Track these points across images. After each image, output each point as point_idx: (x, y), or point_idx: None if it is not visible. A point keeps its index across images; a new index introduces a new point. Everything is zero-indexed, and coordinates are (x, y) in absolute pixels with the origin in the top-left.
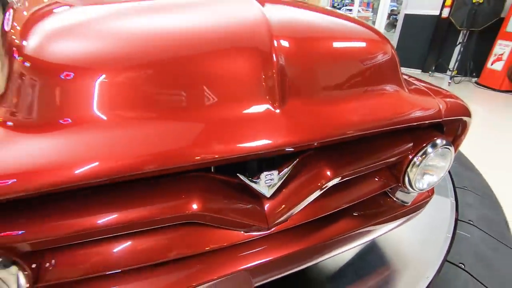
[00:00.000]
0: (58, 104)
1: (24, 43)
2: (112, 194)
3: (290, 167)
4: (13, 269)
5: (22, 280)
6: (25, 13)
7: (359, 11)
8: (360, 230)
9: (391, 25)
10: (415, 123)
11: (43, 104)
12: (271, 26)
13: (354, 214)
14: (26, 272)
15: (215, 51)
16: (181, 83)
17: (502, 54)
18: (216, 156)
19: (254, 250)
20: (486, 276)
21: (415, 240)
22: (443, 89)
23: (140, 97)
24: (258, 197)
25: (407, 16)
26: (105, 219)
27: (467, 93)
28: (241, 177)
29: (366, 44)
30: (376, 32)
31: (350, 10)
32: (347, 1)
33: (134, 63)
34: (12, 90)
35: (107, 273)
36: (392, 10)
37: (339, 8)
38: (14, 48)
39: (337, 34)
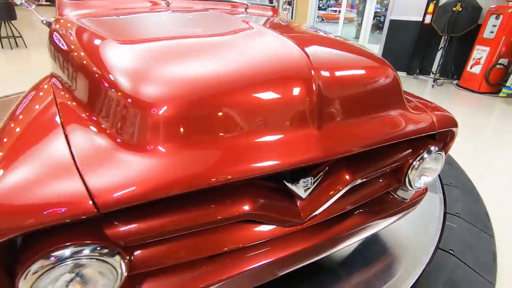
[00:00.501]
0: (151, 132)
1: (123, 81)
2: (192, 201)
3: (321, 174)
4: (117, 258)
5: (124, 268)
6: (114, 45)
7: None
8: (368, 224)
9: (375, 26)
10: (415, 136)
11: (141, 131)
12: (310, 61)
13: (364, 210)
14: (126, 261)
15: (269, 85)
16: (248, 112)
17: (480, 59)
18: (275, 169)
19: (288, 242)
20: (471, 260)
21: (411, 232)
22: (435, 104)
23: (218, 124)
24: (292, 198)
25: (392, 22)
26: (189, 219)
27: (449, 94)
28: (286, 183)
29: (379, 75)
30: (385, 62)
31: (335, 11)
32: (332, 2)
33: (213, 99)
34: (114, 114)
35: (180, 262)
36: (376, 13)
37: (325, 9)
38: (110, 82)
39: (357, 65)
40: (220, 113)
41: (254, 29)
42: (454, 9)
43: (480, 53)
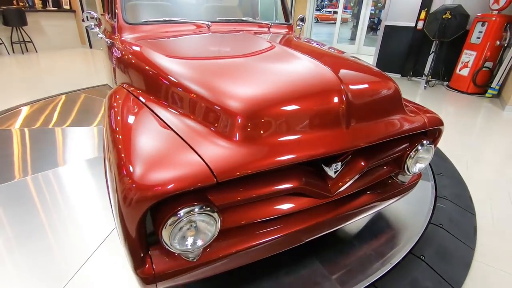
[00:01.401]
0: (237, 130)
1: (211, 95)
2: (261, 179)
3: (346, 160)
4: (216, 214)
5: (219, 220)
6: (187, 62)
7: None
8: (377, 202)
9: (369, 28)
10: (412, 133)
11: (230, 128)
12: (341, 78)
13: (374, 191)
14: (221, 218)
15: (313, 97)
16: (300, 117)
17: (468, 62)
18: (319, 155)
19: (318, 213)
20: (457, 232)
21: (410, 211)
22: (426, 108)
23: (280, 126)
24: (324, 178)
25: (387, 27)
26: (259, 191)
27: (440, 95)
28: (324, 166)
29: (386, 88)
30: (389, 78)
31: (330, 11)
32: (326, 3)
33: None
34: (206, 114)
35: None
36: (369, 15)
37: (319, 10)
38: (199, 94)
39: (370, 81)
40: (281, 119)
41: (289, 52)
42: (444, 16)
43: (468, 57)
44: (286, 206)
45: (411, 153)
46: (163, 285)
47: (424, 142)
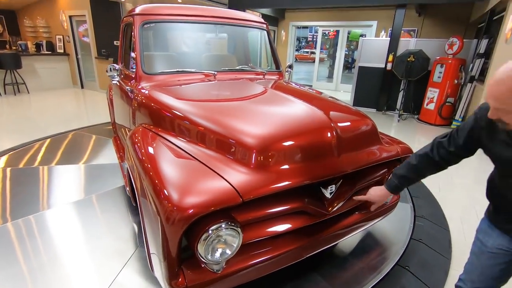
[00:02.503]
0: (253, 159)
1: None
2: (271, 201)
3: (339, 183)
4: (239, 229)
5: (241, 234)
6: (204, 105)
7: (314, 53)
8: (364, 220)
9: (344, 66)
10: (388, 160)
11: (247, 158)
12: (330, 117)
13: (361, 211)
14: (242, 231)
15: (311, 133)
16: (302, 148)
17: (432, 98)
18: (317, 178)
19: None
20: (434, 245)
21: (393, 229)
22: (399, 140)
23: (284, 156)
24: (321, 199)
25: (361, 68)
26: (270, 211)
27: (412, 127)
28: (321, 188)
29: (366, 125)
30: (368, 117)
31: (307, 52)
32: (303, 44)
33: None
34: (223, 147)
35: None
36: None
37: (298, 50)
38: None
39: (353, 119)
40: (288, 151)
41: (286, 97)
42: (408, 59)
43: (432, 93)
44: (290, 224)
45: (388, 176)
46: None
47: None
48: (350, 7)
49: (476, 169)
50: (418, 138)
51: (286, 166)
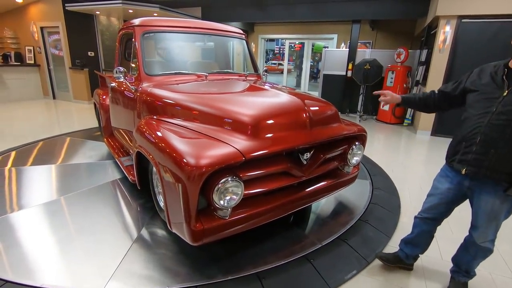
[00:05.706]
0: (248, 131)
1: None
2: (263, 164)
3: (312, 151)
4: (242, 183)
5: (243, 186)
6: (203, 95)
7: (282, 64)
8: (332, 185)
9: (310, 76)
10: (348, 135)
11: (243, 129)
12: (305, 103)
13: (329, 178)
14: (243, 186)
15: (292, 113)
16: (284, 123)
17: None
18: (294, 146)
19: (299, 189)
20: (388, 207)
21: (357, 197)
22: (356, 123)
23: (271, 128)
24: (299, 165)
25: (325, 75)
26: (263, 171)
27: (371, 126)
28: (300, 155)
29: (330, 109)
30: (330, 103)
31: (275, 63)
32: (270, 56)
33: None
34: (222, 123)
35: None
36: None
37: (266, 61)
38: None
39: (321, 105)
40: (274, 124)
41: (273, 89)
42: (365, 67)
43: None
44: (277, 183)
45: (349, 150)
46: (208, 239)
47: (357, 143)
48: (313, 22)
49: (423, 157)
50: (377, 135)
51: (275, 136)
